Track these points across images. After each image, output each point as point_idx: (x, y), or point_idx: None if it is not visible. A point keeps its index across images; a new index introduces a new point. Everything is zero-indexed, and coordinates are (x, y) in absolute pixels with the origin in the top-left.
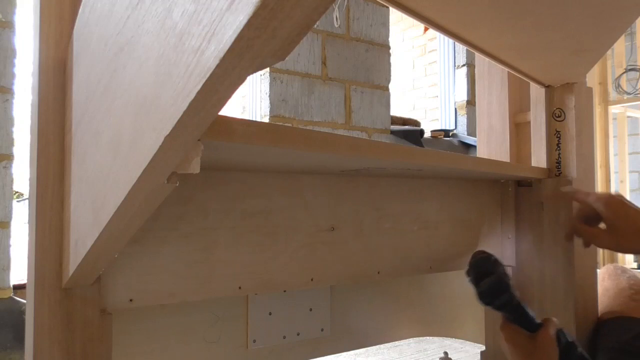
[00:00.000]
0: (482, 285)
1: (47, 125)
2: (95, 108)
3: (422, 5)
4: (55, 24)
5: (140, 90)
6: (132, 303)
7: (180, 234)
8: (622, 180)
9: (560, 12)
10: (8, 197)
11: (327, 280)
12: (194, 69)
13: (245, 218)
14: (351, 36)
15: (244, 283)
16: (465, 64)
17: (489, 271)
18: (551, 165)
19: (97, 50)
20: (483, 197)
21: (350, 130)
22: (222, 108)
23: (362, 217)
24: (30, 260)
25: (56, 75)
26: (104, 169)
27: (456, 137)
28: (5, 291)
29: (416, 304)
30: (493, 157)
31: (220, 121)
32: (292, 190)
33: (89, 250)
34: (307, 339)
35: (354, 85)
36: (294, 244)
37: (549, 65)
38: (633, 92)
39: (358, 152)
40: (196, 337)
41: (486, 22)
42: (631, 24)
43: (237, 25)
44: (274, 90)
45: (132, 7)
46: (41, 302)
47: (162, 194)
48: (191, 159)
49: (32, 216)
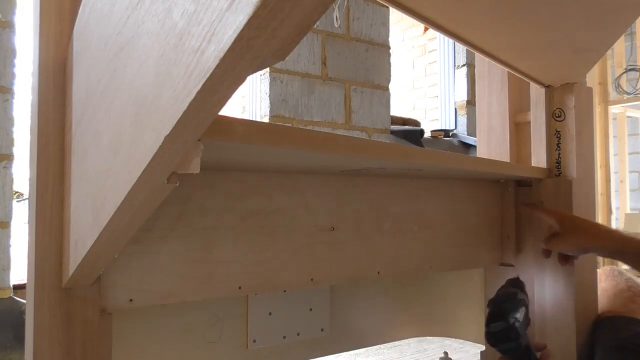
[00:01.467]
0: (493, 327)
1: (47, 125)
2: (95, 108)
3: (422, 5)
4: (55, 24)
5: (140, 90)
6: (132, 303)
7: (180, 233)
8: (622, 180)
9: (560, 12)
10: (8, 197)
11: (327, 280)
12: (194, 69)
13: (245, 218)
14: (351, 36)
15: (244, 283)
16: (465, 64)
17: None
18: (551, 165)
19: (97, 50)
20: (483, 197)
21: (350, 130)
22: (222, 108)
23: (362, 217)
24: (30, 260)
25: (56, 75)
26: (104, 169)
27: (456, 137)
28: (5, 291)
29: (416, 304)
30: (493, 157)
31: (220, 121)
32: (292, 190)
33: (89, 250)
34: (307, 339)
35: (354, 85)
36: (294, 244)
37: (549, 65)
38: (633, 92)
39: (358, 152)
40: (196, 337)
41: (486, 22)
42: (631, 24)
43: (237, 25)
44: (274, 90)
45: (132, 7)
46: (41, 302)
47: (162, 194)
48: (191, 159)
49: (32, 216)
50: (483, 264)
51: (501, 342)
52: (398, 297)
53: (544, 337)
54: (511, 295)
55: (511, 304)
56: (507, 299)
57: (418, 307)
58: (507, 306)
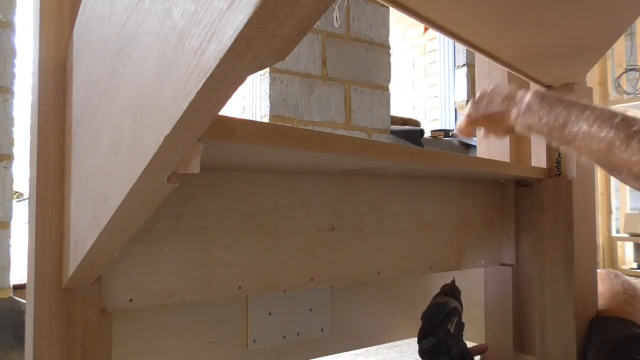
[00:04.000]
0: (424, 344)
1: (47, 125)
2: (95, 108)
3: (422, 5)
4: (55, 24)
5: (140, 90)
6: (132, 303)
7: (180, 234)
8: None
9: (560, 11)
10: (8, 197)
11: (327, 280)
12: (194, 69)
13: (245, 218)
14: (351, 36)
15: (244, 283)
16: (465, 64)
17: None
18: (551, 165)
19: (97, 50)
20: (483, 197)
21: (350, 130)
22: (222, 108)
23: (362, 217)
24: (30, 260)
25: (56, 75)
26: (104, 168)
27: (456, 137)
28: (5, 291)
29: (416, 304)
30: (493, 157)
31: (220, 121)
32: (292, 190)
33: (89, 250)
34: (307, 339)
35: (354, 85)
36: (294, 244)
37: (549, 65)
38: (633, 92)
39: (358, 152)
40: (196, 337)
41: (486, 22)
42: (631, 23)
43: (237, 25)
44: (274, 90)
45: (132, 7)
46: (41, 302)
47: (162, 194)
48: (191, 159)
49: (32, 216)
50: (483, 264)
51: (434, 357)
52: (398, 297)
53: (544, 336)
54: (441, 306)
55: (441, 316)
56: (437, 311)
57: (418, 307)
58: (436, 320)
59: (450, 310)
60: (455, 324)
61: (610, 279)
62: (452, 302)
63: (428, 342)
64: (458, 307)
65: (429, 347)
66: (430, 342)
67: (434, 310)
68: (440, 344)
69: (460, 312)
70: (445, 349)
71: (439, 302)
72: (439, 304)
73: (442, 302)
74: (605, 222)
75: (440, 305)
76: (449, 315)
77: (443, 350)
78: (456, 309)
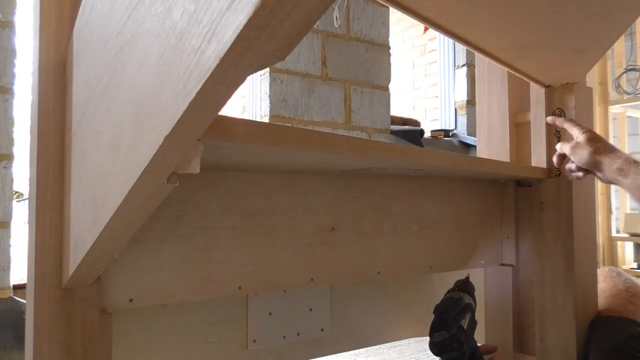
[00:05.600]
0: (436, 337)
1: (47, 125)
2: (95, 108)
3: (422, 5)
4: (55, 24)
5: (140, 90)
6: (132, 303)
7: (180, 233)
8: None
9: (560, 11)
10: (8, 197)
11: (327, 280)
12: (194, 69)
13: (245, 218)
14: (351, 36)
15: (244, 283)
16: (465, 64)
17: (450, 321)
18: (551, 165)
19: (97, 50)
20: (483, 197)
21: (350, 130)
22: (222, 108)
23: (362, 217)
24: (30, 260)
25: (56, 75)
26: (104, 169)
27: (456, 137)
28: (5, 291)
29: (416, 304)
30: (493, 157)
31: (220, 121)
32: (292, 190)
33: (89, 250)
34: (307, 339)
35: (354, 85)
36: (294, 244)
37: (549, 65)
38: (633, 92)
39: (358, 152)
40: (196, 337)
41: (486, 22)
42: (631, 24)
43: (237, 25)
44: (274, 90)
45: (132, 7)
46: (41, 302)
47: (162, 194)
48: (191, 159)
49: (32, 216)
50: (483, 264)
51: (445, 351)
52: (398, 297)
53: (544, 336)
54: (456, 301)
55: (455, 312)
56: (451, 306)
57: (418, 307)
58: (450, 315)
59: (465, 306)
60: (469, 321)
61: (612, 277)
62: (467, 297)
63: (440, 335)
64: (472, 303)
65: (441, 342)
66: (443, 336)
67: (448, 304)
68: (453, 340)
69: (474, 309)
70: (457, 345)
71: (454, 297)
72: (453, 299)
73: (457, 297)
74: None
75: (455, 300)
76: (463, 311)
77: (455, 346)
78: (470, 306)
